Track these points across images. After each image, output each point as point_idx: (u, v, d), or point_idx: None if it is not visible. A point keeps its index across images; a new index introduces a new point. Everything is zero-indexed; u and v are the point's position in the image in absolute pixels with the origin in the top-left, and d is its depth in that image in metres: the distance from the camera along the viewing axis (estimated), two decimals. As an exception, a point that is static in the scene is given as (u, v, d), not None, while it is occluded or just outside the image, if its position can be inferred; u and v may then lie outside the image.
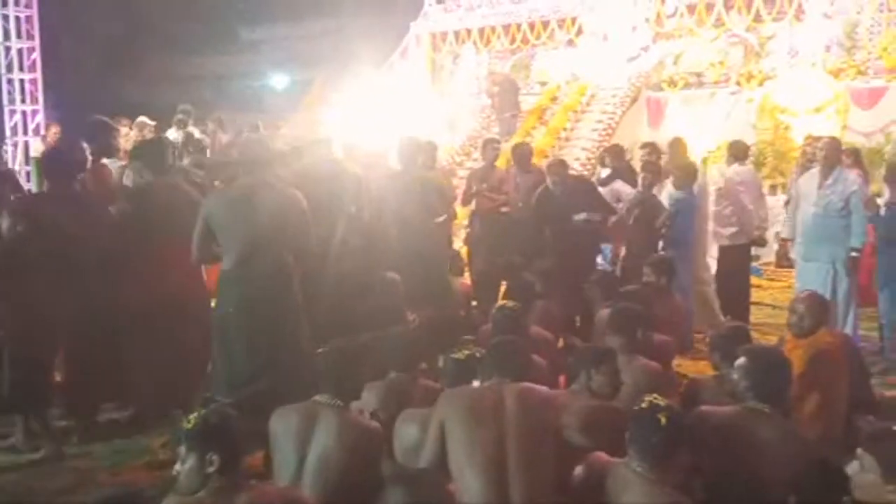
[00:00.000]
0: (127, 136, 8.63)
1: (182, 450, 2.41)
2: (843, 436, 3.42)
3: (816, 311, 3.81)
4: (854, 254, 5.51)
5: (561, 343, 4.59)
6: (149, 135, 8.70)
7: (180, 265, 4.19)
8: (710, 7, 12.60)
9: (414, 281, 4.82)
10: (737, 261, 6.72)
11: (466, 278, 6.59)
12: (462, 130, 14.29)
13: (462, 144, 12.65)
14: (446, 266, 5.74)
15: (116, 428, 4.36)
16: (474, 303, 6.20)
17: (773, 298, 7.48)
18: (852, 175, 5.71)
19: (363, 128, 10.85)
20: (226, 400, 3.64)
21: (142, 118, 9.58)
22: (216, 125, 10.23)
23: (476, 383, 2.93)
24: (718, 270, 6.94)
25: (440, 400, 2.87)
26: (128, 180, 4.92)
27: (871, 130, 10.37)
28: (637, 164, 7.42)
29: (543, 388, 2.91)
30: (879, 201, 5.81)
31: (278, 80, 23.44)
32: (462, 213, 7.32)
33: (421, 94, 15.42)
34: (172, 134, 8.98)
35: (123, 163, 5.45)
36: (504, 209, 6.69)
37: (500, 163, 7.64)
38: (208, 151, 8.66)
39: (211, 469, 2.34)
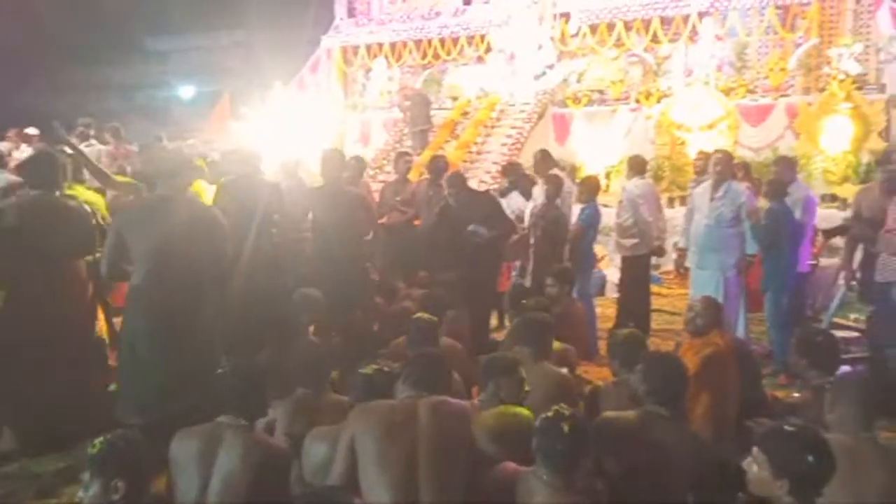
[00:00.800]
0: (17, 147, 8.17)
1: (86, 476, 2.32)
2: (735, 435, 3.56)
3: (710, 312, 3.99)
4: (749, 259, 5.83)
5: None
6: (37, 145, 8.23)
7: (59, 284, 4.00)
8: (611, 28, 13.10)
9: (335, 295, 4.73)
10: (638, 270, 6.96)
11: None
12: (375, 144, 14.28)
13: (375, 158, 12.61)
14: (366, 281, 5.64)
15: (6, 454, 4.07)
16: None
17: (672, 305, 7.78)
18: (741, 187, 6.00)
19: (274, 141, 10.67)
20: (134, 422, 3.47)
21: (29, 129, 9.08)
22: (112, 136, 9.78)
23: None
24: (621, 280, 7.19)
25: (351, 415, 2.82)
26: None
27: (759, 146, 11.00)
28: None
29: (457, 402, 2.89)
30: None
31: (186, 91, 22.77)
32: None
33: (333, 108, 15.30)
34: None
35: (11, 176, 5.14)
36: (416, 222, 6.70)
37: (413, 176, 7.66)
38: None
39: (116, 496, 2.27)
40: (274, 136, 11.91)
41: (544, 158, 7.16)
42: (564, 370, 3.74)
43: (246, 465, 2.66)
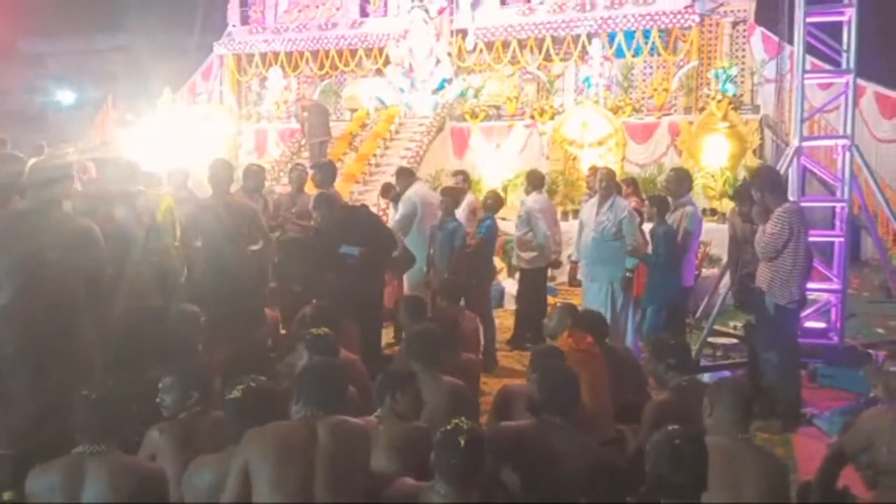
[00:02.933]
0: None
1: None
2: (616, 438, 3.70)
3: (559, 317, 4.18)
4: (628, 274, 6.05)
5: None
6: None
7: None
8: (506, 45, 13.46)
9: (222, 311, 4.58)
10: (536, 282, 7.15)
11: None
12: (271, 155, 13.99)
13: (271, 170, 12.32)
14: (257, 295, 5.47)
15: None
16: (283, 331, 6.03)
17: (567, 316, 8.01)
18: (624, 202, 6.27)
19: (161, 150, 10.26)
20: (4, 452, 3.22)
21: None
22: None
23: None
24: (519, 291, 7.35)
25: (245, 439, 2.68)
26: None
27: (645, 162, 11.57)
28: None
29: (356, 422, 2.83)
30: (646, 227, 6.39)
31: (65, 97, 21.53)
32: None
33: (226, 117, 14.89)
34: None
35: None
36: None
37: (309, 188, 7.53)
38: None
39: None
40: (162, 145, 11.46)
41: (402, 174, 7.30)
42: (458, 382, 3.75)
43: (116, 492, 2.51)
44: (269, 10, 15.77)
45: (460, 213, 7.32)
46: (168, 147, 11.15)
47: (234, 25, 16.03)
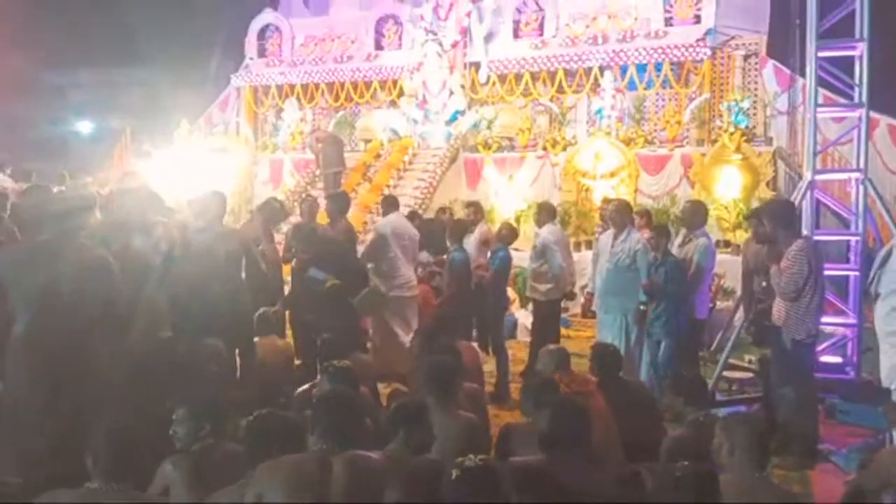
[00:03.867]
0: None
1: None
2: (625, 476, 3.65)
3: (549, 359, 4.21)
4: (642, 307, 6.02)
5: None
6: None
7: None
8: (518, 77, 13.57)
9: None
10: (550, 314, 7.12)
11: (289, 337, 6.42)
12: (286, 186, 14.13)
13: (285, 200, 12.43)
14: (246, 325, 5.46)
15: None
16: (297, 361, 6.04)
17: (579, 348, 7.93)
18: (638, 234, 6.25)
19: (179, 180, 10.38)
20: (14, 481, 3.24)
21: None
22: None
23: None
24: (533, 323, 7.33)
25: (259, 471, 2.68)
26: None
27: (658, 193, 11.55)
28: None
29: (371, 456, 2.82)
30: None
31: (83, 127, 21.91)
32: (286, 269, 7.15)
33: (242, 148, 15.08)
34: None
35: None
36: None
37: (322, 219, 7.59)
38: None
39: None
40: (180, 176, 11.61)
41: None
42: (469, 416, 3.73)
43: None
44: (285, 44, 16.05)
45: (471, 242, 7.37)
46: (185, 177, 11.27)
47: (251, 58, 16.32)
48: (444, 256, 6.98)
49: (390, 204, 7.37)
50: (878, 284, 4.40)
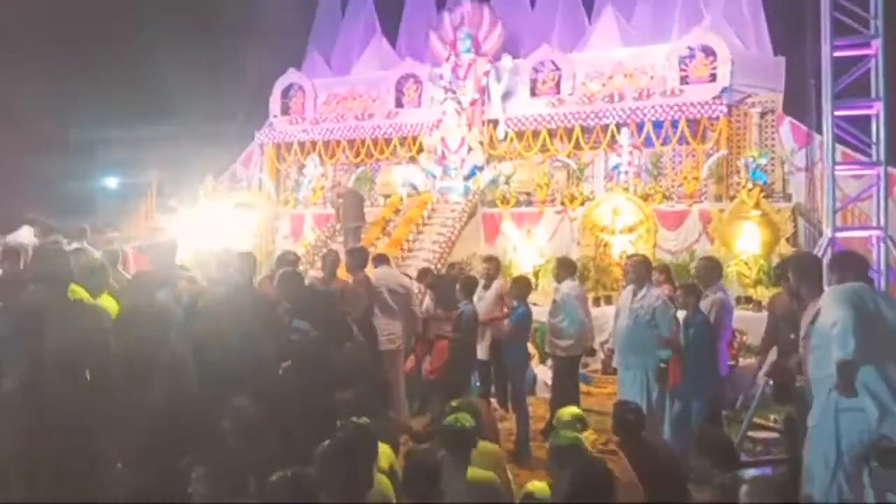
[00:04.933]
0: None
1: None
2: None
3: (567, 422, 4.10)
4: (662, 364, 5.96)
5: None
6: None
7: None
8: (536, 134, 13.77)
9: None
10: (570, 370, 7.08)
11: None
12: (306, 240, 14.28)
13: (305, 254, 12.57)
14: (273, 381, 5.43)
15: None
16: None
17: (600, 405, 7.85)
18: (657, 290, 6.23)
19: (203, 236, 10.54)
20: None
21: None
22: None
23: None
24: (553, 379, 7.27)
25: None
26: None
27: (677, 249, 11.55)
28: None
29: None
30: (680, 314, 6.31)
31: (110, 182, 22.44)
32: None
33: (263, 203, 15.33)
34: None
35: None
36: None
37: (342, 274, 7.66)
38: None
39: None
40: (204, 230, 11.79)
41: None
42: (489, 474, 3.69)
43: None
44: (308, 102, 16.45)
45: (488, 297, 7.37)
46: (209, 232, 11.44)
47: (275, 116, 16.71)
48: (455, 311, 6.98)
49: (378, 260, 7.53)
50: (810, 339, 4.43)
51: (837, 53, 6.66)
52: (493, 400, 7.30)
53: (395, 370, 6.81)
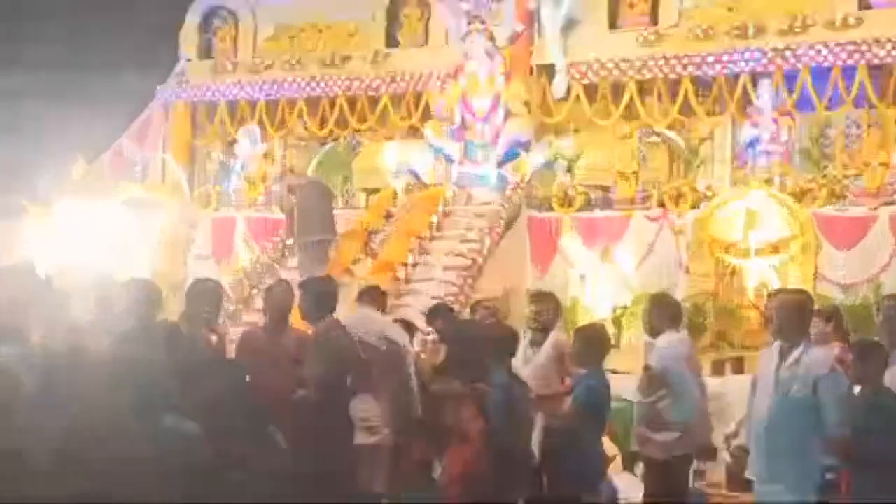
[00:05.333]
0: None
1: None
2: None
3: None
4: (829, 476, 5.86)
5: None
6: None
7: None
8: (617, 90, 13.75)
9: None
10: (673, 482, 7.01)
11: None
12: (237, 261, 14.29)
13: (236, 285, 12.53)
14: None
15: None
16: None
17: (726, 541, 7.82)
18: (821, 351, 6.13)
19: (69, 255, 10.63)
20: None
21: None
22: None
23: None
24: (646, 497, 7.22)
25: None
26: None
27: (853, 280, 11.44)
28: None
29: None
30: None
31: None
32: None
33: (168, 201, 15.36)
34: None
35: None
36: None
37: (294, 320, 7.65)
38: None
39: None
40: (72, 244, 11.89)
41: None
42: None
43: None
44: (242, 37, 16.53)
45: (539, 361, 7.35)
46: (79, 248, 11.51)
47: (188, 59, 16.83)
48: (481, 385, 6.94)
49: (365, 296, 7.68)
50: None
51: None
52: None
53: (377, 479, 6.78)
